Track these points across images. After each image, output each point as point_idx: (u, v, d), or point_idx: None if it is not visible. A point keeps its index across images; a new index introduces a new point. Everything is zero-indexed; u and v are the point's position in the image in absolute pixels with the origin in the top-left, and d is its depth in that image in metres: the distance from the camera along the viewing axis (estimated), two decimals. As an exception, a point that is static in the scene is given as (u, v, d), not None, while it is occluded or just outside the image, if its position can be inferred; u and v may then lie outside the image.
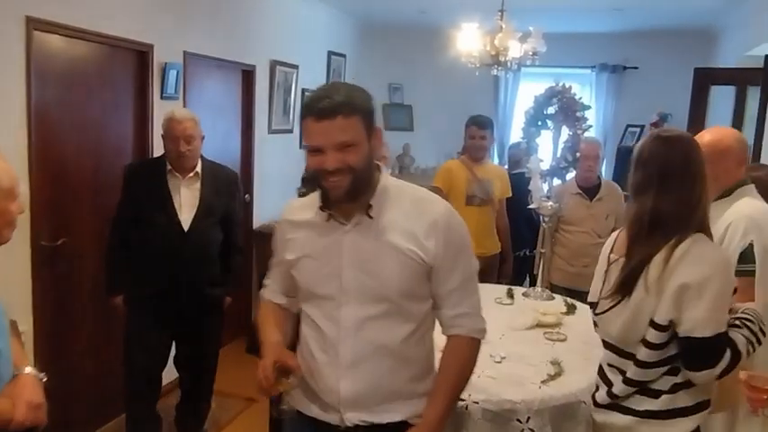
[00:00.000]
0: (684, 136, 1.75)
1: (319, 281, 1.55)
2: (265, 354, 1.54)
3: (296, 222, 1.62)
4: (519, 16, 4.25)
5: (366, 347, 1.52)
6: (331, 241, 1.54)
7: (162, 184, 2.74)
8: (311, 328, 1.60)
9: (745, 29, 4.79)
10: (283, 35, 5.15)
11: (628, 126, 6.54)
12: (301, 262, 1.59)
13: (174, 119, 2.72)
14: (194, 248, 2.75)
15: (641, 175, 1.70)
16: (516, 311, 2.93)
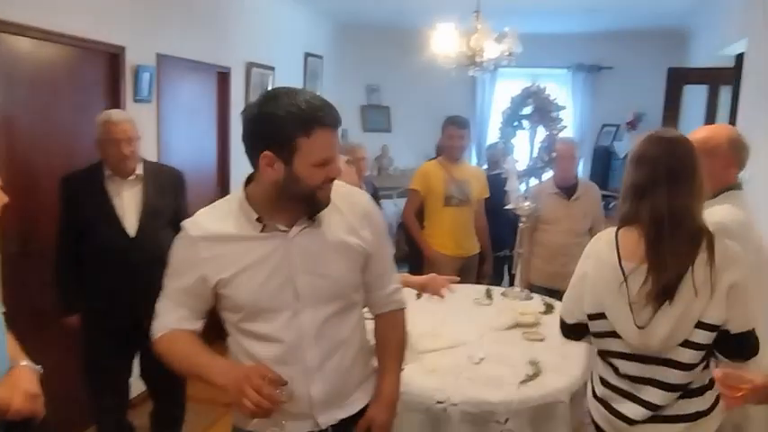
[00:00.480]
0: (682, 136, 1.76)
1: (268, 294, 1.47)
2: (235, 375, 1.35)
3: (216, 237, 1.47)
4: (495, 17, 4.26)
5: (329, 347, 1.55)
6: (272, 251, 1.47)
7: (101, 191, 2.62)
8: (260, 345, 1.50)
9: (717, 29, 4.86)
10: (259, 36, 5.11)
11: (603, 125, 6.61)
12: (239, 278, 1.46)
13: (111, 121, 2.60)
14: (145, 254, 2.58)
15: (646, 175, 1.65)
16: (495, 312, 2.93)
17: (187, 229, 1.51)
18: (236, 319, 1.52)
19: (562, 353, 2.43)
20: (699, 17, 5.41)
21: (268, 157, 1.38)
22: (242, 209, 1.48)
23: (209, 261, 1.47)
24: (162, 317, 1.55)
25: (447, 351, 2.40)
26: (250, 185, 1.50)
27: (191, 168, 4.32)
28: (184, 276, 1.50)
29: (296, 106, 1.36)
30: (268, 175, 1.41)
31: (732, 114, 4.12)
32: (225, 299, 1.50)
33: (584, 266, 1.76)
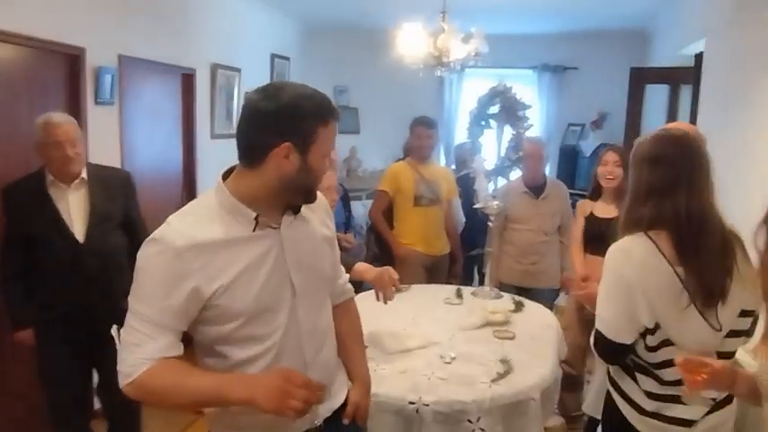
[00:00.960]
0: (690, 133, 1.76)
1: (269, 294, 1.42)
2: (265, 385, 1.29)
3: (205, 244, 1.34)
4: (461, 17, 4.28)
5: (320, 339, 1.56)
6: (267, 249, 1.42)
7: (46, 197, 2.52)
8: (253, 349, 1.42)
9: (677, 29, 4.97)
10: (224, 38, 5.04)
11: (569, 125, 6.70)
12: (238, 284, 1.37)
13: (51, 123, 2.48)
14: (96, 260, 2.53)
15: (665, 177, 1.62)
16: (465, 311, 2.94)
17: (167, 239, 1.33)
18: (229, 329, 1.39)
19: (532, 350, 2.46)
20: (660, 18, 5.52)
21: (286, 148, 1.34)
22: (230, 208, 1.39)
23: (199, 272, 1.33)
24: (140, 348, 1.32)
25: (418, 351, 2.39)
26: (234, 183, 1.41)
27: (155, 172, 4.26)
28: (172, 295, 1.32)
29: (313, 97, 1.37)
30: (280, 167, 1.36)
31: (692, 112, 4.21)
32: (220, 310, 1.37)
33: (625, 277, 1.62)
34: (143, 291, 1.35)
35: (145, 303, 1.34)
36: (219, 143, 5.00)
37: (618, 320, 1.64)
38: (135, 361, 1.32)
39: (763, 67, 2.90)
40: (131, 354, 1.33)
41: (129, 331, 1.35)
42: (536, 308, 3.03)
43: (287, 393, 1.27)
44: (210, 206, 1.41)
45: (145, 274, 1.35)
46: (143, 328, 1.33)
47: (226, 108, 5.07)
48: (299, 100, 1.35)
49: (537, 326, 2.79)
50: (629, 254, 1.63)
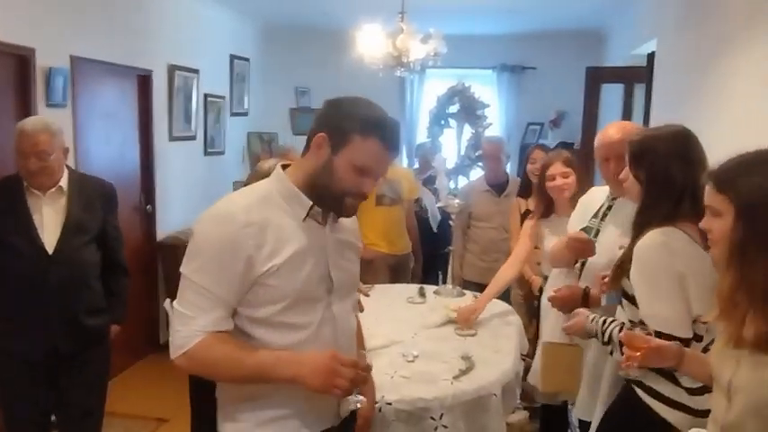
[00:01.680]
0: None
1: (312, 283, 1.46)
2: (312, 364, 1.36)
3: (264, 222, 1.39)
4: (420, 18, 4.31)
5: (350, 338, 1.60)
6: (314, 242, 1.46)
7: (19, 202, 2.39)
8: (289, 337, 1.44)
9: (630, 30, 5.10)
10: (182, 38, 4.96)
11: (529, 124, 6.80)
12: (288, 266, 1.40)
13: (23, 132, 2.34)
14: (63, 273, 2.39)
15: (695, 173, 1.61)
16: (428, 309, 2.96)
17: (231, 212, 1.38)
18: (272, 311, 1.42)
19: (494, 347, 2.49)
20: (613, 18, 5.65)
21: (321, 137, 1.42)
22: (287, 195, 1.45)
23: (258, 248, 1.37)
24: (195, 320, 1.36)
25: (381, 350, 2.39)
26: (290, 172, 1.49)
27: (111, 176, 4.11)
28: (232, 266, 1.36)
29: (370, 111, 1.45)
30: (313, 155, 1.44)
31: (646, 110, 4.33)
32: (267, 289, 1.40)
33: (674, 269, 1.60)
34: (202, 260, 1.38)
35: (204, 273, 1.37)
36: (178, 145, 4.92)
37: (680, 315, 1.61)
38: (189, 332, 1.36)
39: (709, 67, 2.99)
40: (186, 325, 1.37)
41: (183, 303, 1.39)
42: (497, 304, 3.07)
43: (335, 372, 1.35)
44: (268, 192, 1.46)
45: (206, 243, 1.38)
46: (199, 300, 1.37)
47: (184, 110, 4.99)
48: (355, 107, 1.45)
49: (498, 322, 2.82)
50: (669, 246, 1.62)
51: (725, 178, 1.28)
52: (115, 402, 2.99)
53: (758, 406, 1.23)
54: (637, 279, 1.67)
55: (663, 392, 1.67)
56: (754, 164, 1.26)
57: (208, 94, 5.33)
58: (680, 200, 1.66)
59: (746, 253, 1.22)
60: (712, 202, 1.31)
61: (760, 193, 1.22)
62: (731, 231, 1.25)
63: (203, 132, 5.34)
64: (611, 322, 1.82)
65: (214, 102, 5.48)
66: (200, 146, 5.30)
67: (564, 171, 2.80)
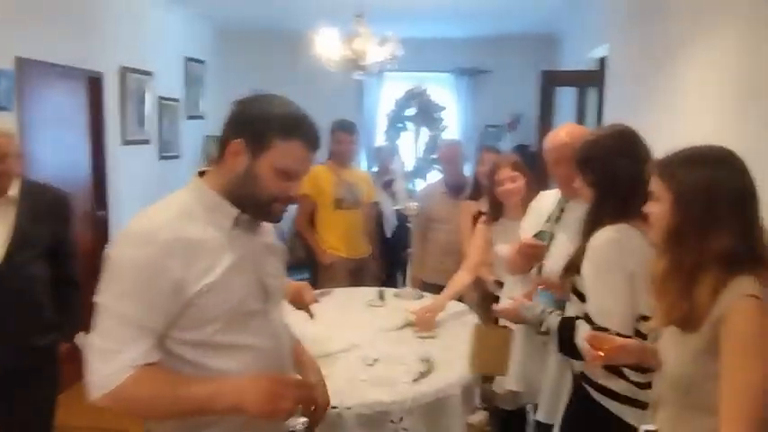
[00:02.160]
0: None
1: (249, 295, 1.38)
2: (255, 389, 1.26)
3: (190, 240, 1.29)
4: (377, 22, 4.32)
5: (287, 346, 1.55)
6: (244, 251, 1.38)
7: None
8: (234, 358, 1.35)
9: (582, 35, 5.22)
10: (134, 40, 4.85)
11: (486, 126, 6.88)
12: (221, 283, 1.31)
13: None
14: (10, 289, 2.24)
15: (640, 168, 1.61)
16: (387, 312, 2.95)
17: (152, 232, 1.26)
18: (209, 332, 1.31)
19: (453, 348, 2.49)
20: (566, 23, 5.78)
21: (237, 145, 1.33)
22: (210, 205, 1.36)
23: (186, 268, 1.26)
24: (119, 355, 1.22)
25: (340, 355, 2.38)
26: (208, 180, 1.38)
27: (61, 182, 3.97)
28: (155, 290, 1.24)
29: (288, 110, 1.36)
30: (230, 163, 1.35)
31: (599, 113, 4.43)
32: (202, 310, 1.29)
33: (627, 267, 1.63)
34: (125, 287, 1.25)
35: (127, 301, 1.24)
36: (132, 149, 4.80)
37: (624, 313, 1.63)
38: (115, 369, 1.22)
39: (657, 70, 3.08)
40: (110, 361, 1.23)
41: (104, 336, 1.24)
42: (456, 306, 3.08)
43: (279, 396, 1.26)
44: (188, 204, 1.35)
45: (127, 268, 1.25)
46: (124, 330, 1.24)
47: (138, 113, 4.88)
48: (270, 107, 1.36)
49: (458, 324, 2.83)
50: (622, 244, 1.65)
51: (666, 168, 1.38)
52: (68, 415, 2.88)
53: (674, 380, 1.35)
54: (588, 274, 1.70)
55: (614, 389, 1.71)
56: (693, 157, 1.36)
57: (162, 97, 5.23)
58: (628, 197, 1.67)
59: (679, 236, 1.33)
60: (654, 188, 1.41)
61: (695, 184, 1.32)
62: (668, 216, 1.35)
63: (158, 136, 5.23)
64: (550, 312, 1.86)
65: (168, 105, 5.37)
66: (154, 150, 5.19)
67: (512, 175, 2.79)
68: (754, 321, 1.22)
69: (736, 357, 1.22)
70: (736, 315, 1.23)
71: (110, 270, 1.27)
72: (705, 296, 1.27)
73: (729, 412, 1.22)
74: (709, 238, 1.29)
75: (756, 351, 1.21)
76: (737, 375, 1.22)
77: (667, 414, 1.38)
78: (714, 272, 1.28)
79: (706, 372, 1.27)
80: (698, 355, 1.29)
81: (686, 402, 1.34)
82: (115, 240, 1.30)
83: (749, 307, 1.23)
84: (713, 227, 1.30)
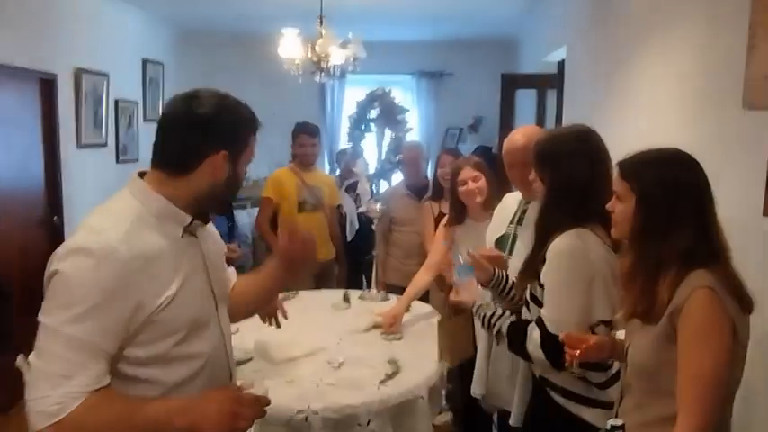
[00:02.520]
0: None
1: (203, 303, 1.36)
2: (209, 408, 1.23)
3: (150, 253, 1.23)
4: (339, 24, 4.31)
5: (230, 348, 1.52)
6: (194, 258, 1.37)
7: None
8: (185, 369, 1.32)
9: (541, 38, 5.31)
10: (89, 41, 4.72)
11: (448, 129, 6.94)
12: (181, 295, 1.27)
13: None
14: None
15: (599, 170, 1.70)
16: (353, 315, 2.94)
17: (107, 248, 1.17)
18: (168, 346, 1.26)
19: (419, 349, 2.50)
20: (526, 27, 5.87)
21: (223, 156, 1.31)
22: (162, 213, 1.29)
23: (146, 283, 1.21)
24: (71, 380, 1.13)
25: (306, 359, 2.36)
26: (158, 188, 1.30)
27: (12, 187, 3.90)
28: (117, 311, 1.17)
29: (244, 106, 1.38)
30: (214, 175, 1.31)
31: (558, 114, 4.51)
32: (161, 325, 1.24)
33: (586, 273, 1.63)
34: (82, 309, 1.14)
35: (83, 323, 1.14)
36: (88, 153, 4.67)
37: (579, 322, 1.63)
38: (64, 396, 1.12)
39: (614, 72, 3.15)
40: (58, 387, 1.13)
41: (51, 360, 1.14)
42: (422, 307, 3.09)
43: (236, 415, 1.24)
44: (138, 211, 1.28)
45: (86, 288, 1.15)
46: (75, 354, 1.14)
47: (94, 115, 4.75)
48: (236, 107, 1.35)
49: (423, 325, 2.84)
50: (585, 251, 1.64)
51: (630, 168, 1.42)
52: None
53: (638, 368, 1.40)
54: (549, 282, 1.68)
55: (574, 391, 1.73)
56: (655, 159, 1.41)
57: (119, 99, 5.11)
58: (585, 200, 1.67)
59: (643, 235, 1.37)
60: (617, 188, 1.44)
61: (658, 185, 1.36)
62: (633, 216, 1.39)
63: (115, 139, 5.10)
64: (500, 316, 1.86)
65: (126, 107, 5.25)
66: (111, 153, 5.06)
67: (474, 175, 2.80)
68: (708, 311, 1.27)
69: (692, 346, 1.27)
70: (691, 305, 1.28)
71: (61, 288, 1.16)
72: (665, 291, 1.32)
73: (685, 398, 1.27)
74: (672, 237, 1.33)
75: (710, 340, 1.26)
76: (693, 362, 1.27)
77: (633, 400, 1.43)
78: (674, 268, 1.33)
79: (666, 359, 1.32)
80: (658, 344, 1.34)
81: (649, 388, 1.39)
82: (63, 254, 1.18)
83: (704, 297, 1.27)
84: (676, 226, 1.34)
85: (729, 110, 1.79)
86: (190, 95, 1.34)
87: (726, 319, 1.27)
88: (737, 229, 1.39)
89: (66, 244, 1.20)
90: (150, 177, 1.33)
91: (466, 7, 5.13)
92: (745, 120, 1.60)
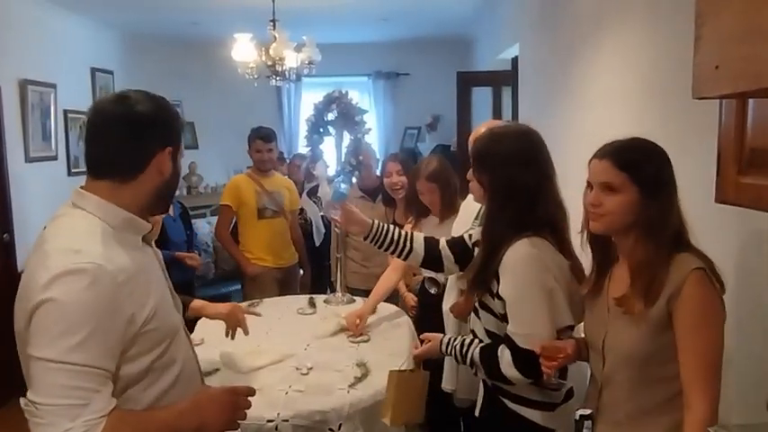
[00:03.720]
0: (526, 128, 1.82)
1: (172, 310, 1.38)
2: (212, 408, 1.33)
3: (130, 267, 1.22)
4: (292, 27, 4.28)
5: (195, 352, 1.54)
6: (152, 264, 1.38)
7: None
8: (166, 379, 1.32)
9: (494, 36, 5.37)
10: (34, 51, 4.57)
11: (406, 128, 6.97)
12: (161, 305, 1.29)
13: None
14: None
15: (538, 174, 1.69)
16: (319, 319, 2.92)
17: (95, 267, 1.14)
18: (154, 357, 1.26)
19: (387, 350, 2.49)
20: (479, 25, 5.93)
21: (168, 153, 1.33)
22: (122, 225, 1.27)
23: (132, 297, 1.20)
24: (87, 407, 1.10)
25: (273, 366, 2.32)
26: (112, 199, 1.27)
27: (-42, 204, 3.75)
28: (113, 331, 1.16)
29: (167, 101, 1.38)
30: (162, 173, 1.32)
31: (513, 110, 4.57)
32: (149, 337, 1.24)
33: (548, 283, 1.62)
34: (79, 336, 1.11)
35: (88, 349, 1.11)
36: (37, 167, 4.52)
37: (548, 333, 1.61)
38: (85, 425, 1.09)
39: (566, 68, 3.21)
40: (77, 418, 1.09)
41: (61, 392, 1.10)
42: (387, 308, 3.09)
43: (236, 406, 1.37)
44: (98, 226, 1.23)
45: (78, 313, 1.11)
46: (86, 382, 1.11)
47: (42, 128, 4.61)
48: (166, 102, 1.36)
49: (390, 325, 2.84)
50: (542, 260, 1.62)
51: (627, 159, 1.40)
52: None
53: (628, 358, 1.40)
54: (509, 295, 1.65)
55: (530, 397, 1.72)
56: (644, 149, 1.42)
57: (68, 110, 4.96)
58: (532, 205, 1.65)
59: (654, 223, 1.37)
60: (610, 178, 1.40)
61: (657, 174, 1.38)
62: (638, 206, 1.37)
63: (65, 151, 4.95)
64: (469, 344, 1.81)
65: (76, 118, 5.10)
66: (62, 166, 4.92)
67: (428, 187, 2.86)
68: (706, 292, 1.31)
69: (697, 328, 1.30)
70: (689, 288, 1.31)
71: (55, 317, 1.11)
72: (663, 275, 1.34)
73: (694, 379, 1.30)
74: (670, 223, 1.37)
75: (710, 318, 1.31)
76: (700, 344, 1.30)
77: (621, 392, 1.43)
78: (666, 252, 1.36)
79: (659, 345, 1.35)
80: (652, 331, 1.36)
81: (640, 376, 1.40)
82: (49, 282, 1.12)
83: (700, 279, 1.31)
84: (669, 212, 1.38)
85: (678, 100, 1.84)
86: (119, 97, 1.32)
87: (718, 297, 1.33)
88: (691, 217, 1.43)
89: (47, 271, 1.13)
90: (97, 189, 1.27)
91: (419, 6, 5.16)
92: (693, 109, 1.64)
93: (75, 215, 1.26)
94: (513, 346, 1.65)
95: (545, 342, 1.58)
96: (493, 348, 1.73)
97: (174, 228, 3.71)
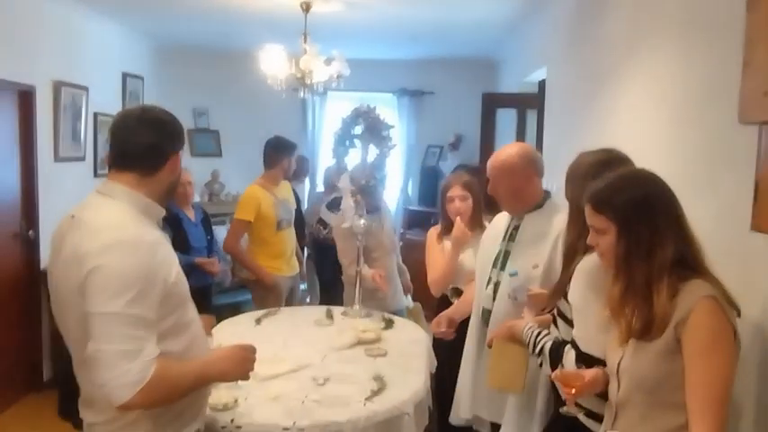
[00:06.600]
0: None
1: (185, 278, 1.60)
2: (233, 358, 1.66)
3: (157, 238, 1.53)
4: (322, 42, 4.33)
5: None
6: (168, 242, 1.61)
7: None
8: (187, 336, 1.58)
9: (521, 59, 5.39)
10: (69, 53, 4.67)
11: (429, 146, 6.98)
12: (178, 269, 1.56)
13: None
14: None
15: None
16: (336, 331, 2.91)
17: (137, 238, 1.45)
18: (179, 315, 1.54)
19: (404, 366, 2.48)
20: (506, 47, 5.96)
21: (179, 156, 1.62)
22: (144, 207, 1.56)
23: (164, 263, 1.49)
24: (142, 352, 1.39)
25: (290, 375, 2.33)
26: (137, 188, 1.56)
27: (-13, 199, 3.82)
28: (153, 289, 1.43)
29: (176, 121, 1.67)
30: (173, 173, 1.62)
31: (539, 133, 4.57)
32: (175, 296, 1.51)
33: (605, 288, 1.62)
34: (133, 292, 1.38)
35: (137, 304, 1.39)
36: (65, 166, 4.60)
37: (599, 335, 1.62)
38: (142, 365, 1.37)
39: (593, 93, 3.21)
40: (134, 360, 1.36)
41: (120, 340, 1.37)
42: (405, 323, 3.08)
43: (248, 359, 1.69)
44: (128, 209, 1.52)
45: (130, 274, 1.39)
46: (139, 330, 1.39)
47: (72, 129, 4.68)
48: (172, 114, 1.66)
49: (407, 341, 2.83)
50: (601, 267, 1.62)
51: (601, 201, 1.44)
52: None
53: (640, 382, 1.41)
54: (576, 300, 1.71)
55: (598, 412, 1.69)
56: (620, 184, 1.44)
57: (98, 113, 5.04)
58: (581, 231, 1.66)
59: (629, 258, 1.40)
60: (594, 222, 1.46)
61: (633, 208, 1.39)
62: (616, 245, 1.41)
63: (93, 153, 5.03)
64: (545, 335, 1.88)
65: (105, 120, 5.18)
66: (89, 167, 4.99)
67: (462, 194, 2.85)
68: (714, 320, 1.30)
69: (702, 355, 1.29)
70: (697, 316, 1.30)
71: (110, 279, 1.38)
72: (664, 304, 1.34)
73: (698, 407, 1.29)
74: (658, 252, 1.36)
75: (718, 347, 1.29)
76: (704, 371, 1.29)
77: (633, 416, 1.43)
78: (666, 280, 1.35)
79: (669, 371, 1.34)
80: (661, 356, 1.35)
81: (651, 401, 1.39)
82: (98, 252, 1.40)
83: (709, 307, 1.30)
84: (658, 241, 1.37)
85: (715, 126, 1.82)
86: (145, 107, 1.67)
87: (730, 326, 1.31)
88: (723, 245, 1.42)
89: (97, 242, 1.42)
90: (122, 179, 1.56)
91: (449, 28, 5.20)
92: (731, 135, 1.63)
93: (106, 201, 1.54)
94: (577, 349, 1.68)
95: (564, 370, 1.61)
96: (560, 347, 1.78)
97: (195, 233, 3.74)
